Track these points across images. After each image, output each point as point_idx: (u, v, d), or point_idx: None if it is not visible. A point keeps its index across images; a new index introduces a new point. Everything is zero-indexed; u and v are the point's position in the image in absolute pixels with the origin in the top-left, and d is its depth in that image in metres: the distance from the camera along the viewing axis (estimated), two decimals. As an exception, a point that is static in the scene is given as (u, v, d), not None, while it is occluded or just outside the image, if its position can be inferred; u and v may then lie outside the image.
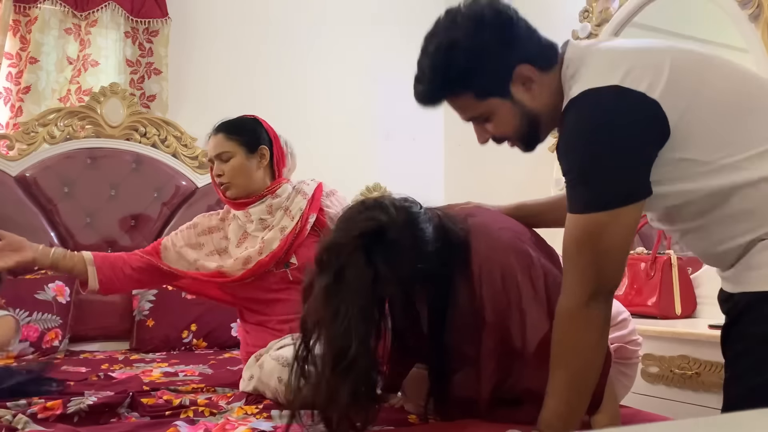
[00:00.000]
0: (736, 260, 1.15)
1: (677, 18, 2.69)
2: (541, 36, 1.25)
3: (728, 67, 1.20)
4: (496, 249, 1.31)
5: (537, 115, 1.24)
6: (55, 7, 2.93)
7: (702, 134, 1.11)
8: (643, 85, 1.10)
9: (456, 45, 1.20)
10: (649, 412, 1.51)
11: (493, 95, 1.22)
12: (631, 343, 1.51)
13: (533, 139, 1.28)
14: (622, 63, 1.13)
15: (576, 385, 1.15)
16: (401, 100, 3.63)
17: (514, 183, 3.29)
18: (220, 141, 1.91)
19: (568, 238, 1.16)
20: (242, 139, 1.92)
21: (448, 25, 1.22)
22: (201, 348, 2.65)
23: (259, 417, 1.50)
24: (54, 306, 2.50)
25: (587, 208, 1.12)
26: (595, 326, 1.15)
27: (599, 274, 1.13)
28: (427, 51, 1.24)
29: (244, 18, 3.34)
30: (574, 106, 1.15)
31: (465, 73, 1.21)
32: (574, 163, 1.14)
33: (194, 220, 2.01)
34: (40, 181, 2.80)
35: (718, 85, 1.15)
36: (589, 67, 1.16)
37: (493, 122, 1.26)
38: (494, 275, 1.28)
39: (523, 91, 1.22)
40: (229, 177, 1.90)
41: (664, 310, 2.29)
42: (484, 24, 1.19)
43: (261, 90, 3.29)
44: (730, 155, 1.10)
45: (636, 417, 1.40)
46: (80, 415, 1.49)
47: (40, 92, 2.90)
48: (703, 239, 1.19)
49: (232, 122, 1.95)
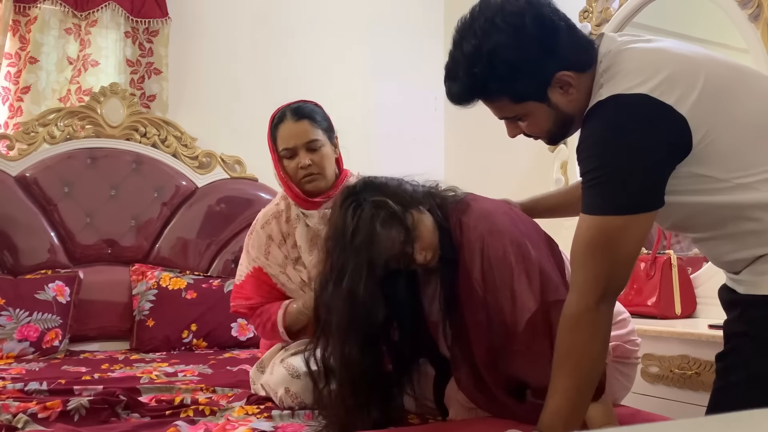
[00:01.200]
0: (744, 268, 1.17)
1: (677, 18, 2.69)
2: (580, 35, 1.22)
3: (760, 84, 1.19)
4: (493, 233, 1.34)
5: (571, 117, 1.23)
6: (55, 7, 2.93)
7: (723, 153, 1.12)
8: (673, 97, 1.09)
9: (495, 54, 1.15)
10: (649, 412, 1.51)
11: (530, 99, 1.21)
12: (630, 343, 1.51)
13: (561, 138, 1.30)
14: (656, 70, 1.12)
15: (580, 386, 1.15)
16: (401, 100, 3.65)
17: (514, 183, 3.30)
18: (309, 128, 1.74)
19: (581, 239, 1.15)
20: (325, 126, 1.79)
21: (487, 26, 1.17)
22: (201, 348, 2.65)
23: (260, 417, 1.50)
24: (54, 306, 2.50)
25: (604, 210, 1.12)
26: (601, 328, 1.16)
27: (611, 277, 1.14)
28: (462, 49, 1.19)
29: (244, 18, 3.34)
30: (601, 108, 1.14)
31: (503, 82, 1.18)
32: (596, 165, 1.13)
33: (266, 230, 1.82)
34: (40, 181, 2.80)
35: (748, 105, 1.15)
36: (621, 70, 1.15)
37: (527, 122, 1.25)
38: (489, 255, 1.32)
39: (560, 94, 1.20)
40: (321, 167, 1.74)
41: (664, 310, 2.29)
42: (525, 33, 1.15)
43: (261, 90, 3.29)
44: (746, 176, 1.11)
45: (636, 417, 1.40)
46: (80, 414, 1.49)
47: (40, 92, 2.90)
48: (712, 248, 1.22)
49: (309, 108, 1.79)
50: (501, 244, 1.32)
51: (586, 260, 1.14)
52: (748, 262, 1.16)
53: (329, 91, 3.47)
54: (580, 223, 1.16)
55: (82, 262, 2.80)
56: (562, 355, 1.16)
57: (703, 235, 1.21)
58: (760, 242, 1.13)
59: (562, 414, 1.14)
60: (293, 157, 1.75)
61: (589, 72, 1.20)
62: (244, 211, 3.05)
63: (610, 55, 1.18)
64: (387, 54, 3.59)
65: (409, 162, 3.58)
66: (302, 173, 1.74)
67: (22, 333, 2.39)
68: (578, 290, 1.15)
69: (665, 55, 1.17)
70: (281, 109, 1.81)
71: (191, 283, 2.77)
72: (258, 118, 3.26)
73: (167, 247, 2.94)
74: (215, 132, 3.20)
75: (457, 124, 3.67)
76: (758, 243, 1.13)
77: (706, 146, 1.11)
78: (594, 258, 1.13)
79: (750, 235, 1.13)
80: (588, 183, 1.15)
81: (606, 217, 1.12)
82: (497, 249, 1.32)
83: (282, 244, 1.80)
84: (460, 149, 3.67)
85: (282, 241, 1.81)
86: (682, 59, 1.16)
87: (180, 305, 2.68)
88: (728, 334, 1.24)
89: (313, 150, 1.74)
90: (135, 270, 2.83)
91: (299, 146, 1.74)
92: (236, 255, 3.01)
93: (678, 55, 1.17)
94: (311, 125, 1.75)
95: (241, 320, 2.70)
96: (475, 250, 1.33)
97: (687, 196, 1.15)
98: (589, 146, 1.15)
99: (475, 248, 1.34)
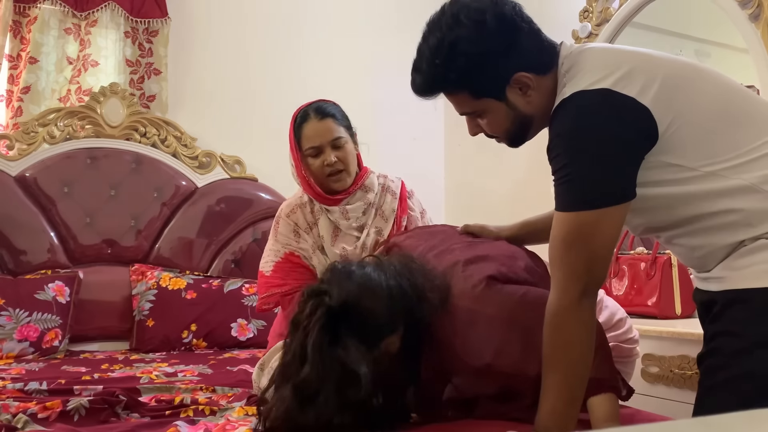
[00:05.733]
0: (716, 264, 1.18)
1: (677, 18, 2.69)
2: (543, 38, 1.26)
3: (719, 78, 1.22)
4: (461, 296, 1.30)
5: (530, 118, 1.26)
6: (54, 7, 2.93)
7: (689, 142, 1.14)
8: (635, 90, 1.12)
9: (456, 46, 1.20)
10: (649, 412, 1.51)
11: (488, 96, 1.24)
12: (628, 342, 1.52)
13: (521, 139, 1.32)
14: (616, 66, 1.15)
15: (570, 382, 1.16)
16: (401, 100, 3.65)
17: (513, 183, 3.30)
18: (333, 126, 1.79)
19: (556, 237, 1.17)
20: (346, 124, 1.84)
21: (451, 21, 1.21)
22: (201, 348, 2.65)
23: (259, 417, 1.50)
24: (54, 306, 2.50)
25: (575, 206, 1.14)
26: (586, 322, 1.17)
27: (589, 271, 1.15)
28: (427, 42, 1.24)
29: (243, 18, 3.34)
30: (563, 107, 1.17)
31: (462, 75, 1.22)
32: (564, 162, 1.15)
33: (292, 218, 1.84)
34: (40, 181, 2.80)
35: (709, 94, 1.17)
36: (582, 68, 1.18)
37: (486, 120, 1.28)
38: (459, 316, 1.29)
39: (519, 95, 1.23)
40: (346, 163, 1.79)
41: (664, 310, 2.29)
42: (487, 29, 1.19)
43: (261, 90, 3.29)
44: (714, 163, 1.13)
45: (636, 417, 1.40)
46: (80, 414, 1.49)
47: (40, 92, 2.90)
48: (684, 245, 1.22)
49: (330, 106, 1.84)
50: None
51: (563, 257, 1.16)
52: (722, 256, 1.16)
53: (329, 91, 3.44)
54: (554, 223, 1.18)
55: (82, 262, 2.80)
56: (550, 353, 1.17)
57: (675, 232, 1.21)
58: (732, 232, 1.13)
59: (556, 413, 1.15)
60: (318, 155, 1.79)
61: (551, 74, 1.23)
62: (244, 211, 3.06)
63: (571, 57, 1.22)
64: (387, 54, 3.59)
65: (409, 162, 3.60)
66: (328, 170, 1.78)
67: (22, 333, 2.39)
68: (559, 288, 1.16)
69: (623, 52, 1.21)
70: (302, 109, 1.85)
71: (191, 283, 2.77)
72: (258, 118, 3.29)
73: (167, 247, 2.94)
74: (215, 132, 3.20)
75: (457, 124, 3.66)
76: (731, 233, 1.14)
77: (672, 134, 1.13)
78: (570, 254, 1.15)
79: (722, 227, 1.14)
80: (558, 181, 1.17)
81: (578, 213, 1.14)
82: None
83: (308, 231, 1.84)
84: (460, 149, 3.66)
85: (308, 228, 1.84)
86: (640, 56, 1.20)
87: (180, 305, 2.68)
88: (710, 334, 1.23)
89: (338, 147, 1.79)
90: (135, 270, 2.83)
91: (325, 144, 1.78)
92: (236, 255, 3.02)
93: (636, 53, 1.21)
94: (335, 123, 1.80)
95: (241, 320, 2.70)
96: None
97: (658, 188, 1.16)
98: (557, 145, 1.17)
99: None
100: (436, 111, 3.73)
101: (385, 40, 3.60)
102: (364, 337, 1.19)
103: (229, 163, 3.17)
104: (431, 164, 3.74)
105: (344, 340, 1.17)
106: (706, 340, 1.24)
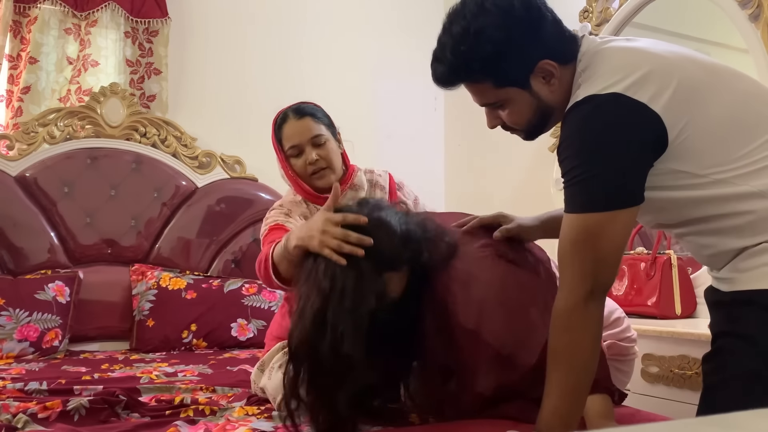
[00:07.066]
0: (725, 264, 1.19)
1: (677, 18, 2.69)
2: (565, 28, 1.25)
3: (739, 82, 1.21)
4: (473, 263, 1.33)
5: (552, 108, 1.25)
6: (54, 7, 2.93)
7: (699, 149, 1.14)
8: (647, 96, 1.12)
9: (482, 33, 1.18)
10: (648, 412, 1.51)
11: (512, 85, 1.23)
12: (625, 340, 1.52)
13: (539, 131, 1.30)
14: (630, 70, 1.14)
15: (574, 384, 1.16)
16: (401, 99, 3.65)
17: (514, 183, 3.30)
18: (312, 124, 1.80)
19: (564, 239, 1.17)
20: (326, 122, 1.84)
21: (476, 9, 1.20)
22: (201, 348, 2.65)
23: (260, 417, 1.50)
24: (54, 306, 2.50)
25: (585, 207, 1.14)
26: (592, 325, 1.17)
27: (597, 273, 1.15)
28: (450, 31, 1.22)
29: (243, 18, 3.34)
30: (575, 109, 1.17)
31: (488, 63, 1.20)
32: (574, 164, 1.15)
33: (284, 208, 1.81)
34: (40, 181, 2.80)
35: (722, 102, 1.16)
36: (597, 70, 1.18)
37: (507, 110, 1.26)
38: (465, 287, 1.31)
39: (542, 83, 1.23)
40: (329, 161, 1.79)
41: (664, 310, 2.29)
42: (513, 16, 1.19)
43: (261, 90, 3.29)
44: (723, 171, 1.13)
45: (635, 417, 1.40)
46: (80, 414, 1.49)
47: (40, 92, 2.90)
48: (694, 243, 1.23)
49: (309, 107, 1.85)
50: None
51: (572, 258, 1.16)
52: (729, 257, 1.17)
53: (329, 91, 3.47)
54: (563, 224, 1.18)
55: (82, 262, 2.80)
56: (555, 354, 1.17)
57: (684, 230, 1.22)
58: (740, 235, 1.14)
59: (559, 413, 1.15)
60: (300, 154, 1.80)
61: (570, 66, 1.23)
62: (244, 211, 3.06)
63: (588, 55, 1.21)
64: (387, 53, 3.59)
65: (409, 161, 3.60)
66: (311, 169, 1.79)
67: (22, 333, 2.39)
68: (566, 289, 1.17)
69: (640, 54, 1.19)
70: (282, 111, 1.86)
71: (191, 283, 2.78)
72: (258, 117, 3.28)
73: (167, 247, 2.94)
74: (215, 132, 3.20)
75: (457, 124, 3.67)
76: (738, 236, 1.14)
77: (682, 142, 1.13)
78: (578, 256, 1.15)
79: (730, 229, 1.15)
80: (568, 183, 1.17)
81: (587, 215, 1.14)
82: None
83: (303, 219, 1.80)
84: (460, 149, 3.67)
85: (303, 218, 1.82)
86: (656, 59, 1.18)
87: (180, 305, 2.69)
88: (715, 334, 1.25)
89: (318, 145, 1.79)
90: (135, 270, 2.83)
91: (304, 142, 1.79)
92: (236, 255, 3.02)
93: (653, 55, 1.19)
94: (314, 121, 1.81)
95: (241, 320, 2.70)
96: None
97: (667, 192, 1.16)
98: (567, 147, 1.17)
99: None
100: (436, 111, 3.74)
101: (385, 41, 3.60)
102: (370, 260, 1.23)
103: (229, 163, 3.17)
104: (431, 164, 3.74)
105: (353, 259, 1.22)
106: (713, 340, 1.25)
